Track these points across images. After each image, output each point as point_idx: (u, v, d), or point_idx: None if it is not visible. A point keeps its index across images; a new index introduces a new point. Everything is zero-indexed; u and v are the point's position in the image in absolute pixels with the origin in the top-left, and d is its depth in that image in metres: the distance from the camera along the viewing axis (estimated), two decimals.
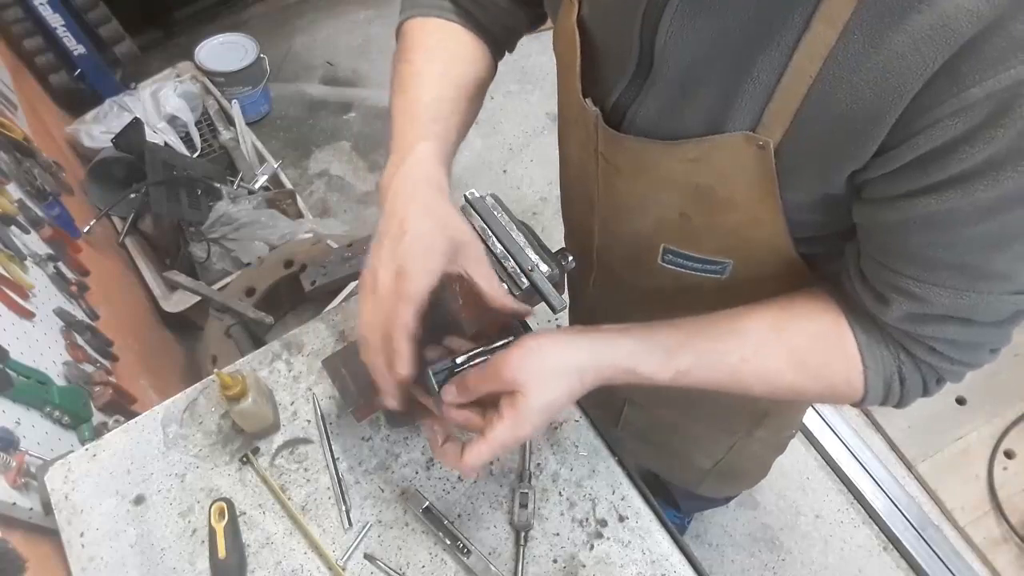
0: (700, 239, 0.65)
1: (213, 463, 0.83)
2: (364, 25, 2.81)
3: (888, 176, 0.47)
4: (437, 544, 0.78)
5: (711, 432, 1.04)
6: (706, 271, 0.68)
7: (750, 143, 0.52)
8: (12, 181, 1.30)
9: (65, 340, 1.14)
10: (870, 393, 0.59)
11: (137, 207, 1.81)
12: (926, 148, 0.43)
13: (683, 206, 0.62)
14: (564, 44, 0.65)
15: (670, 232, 0.67)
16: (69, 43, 1.99)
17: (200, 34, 2.40)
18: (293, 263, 1.53)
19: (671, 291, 0.75)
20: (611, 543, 0.78)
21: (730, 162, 0.55)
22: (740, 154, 0.53)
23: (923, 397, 0.61)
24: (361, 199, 2.35)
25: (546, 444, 0.85)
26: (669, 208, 0.64)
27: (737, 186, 0.56)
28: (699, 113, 0.54)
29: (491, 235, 0.73)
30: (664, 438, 1.12)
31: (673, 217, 0.64)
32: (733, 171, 0.55)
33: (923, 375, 0.58)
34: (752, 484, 1.39)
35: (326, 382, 0.88)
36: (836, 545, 1.69)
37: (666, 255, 0.69)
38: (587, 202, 0.76)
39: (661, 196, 0.63)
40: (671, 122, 0.57)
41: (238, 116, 2.12)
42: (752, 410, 0.96)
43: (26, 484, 0.83)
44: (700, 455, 1.12)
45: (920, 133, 0.43)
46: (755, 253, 0.63)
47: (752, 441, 1.02)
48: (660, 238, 0.68)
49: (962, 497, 1.69)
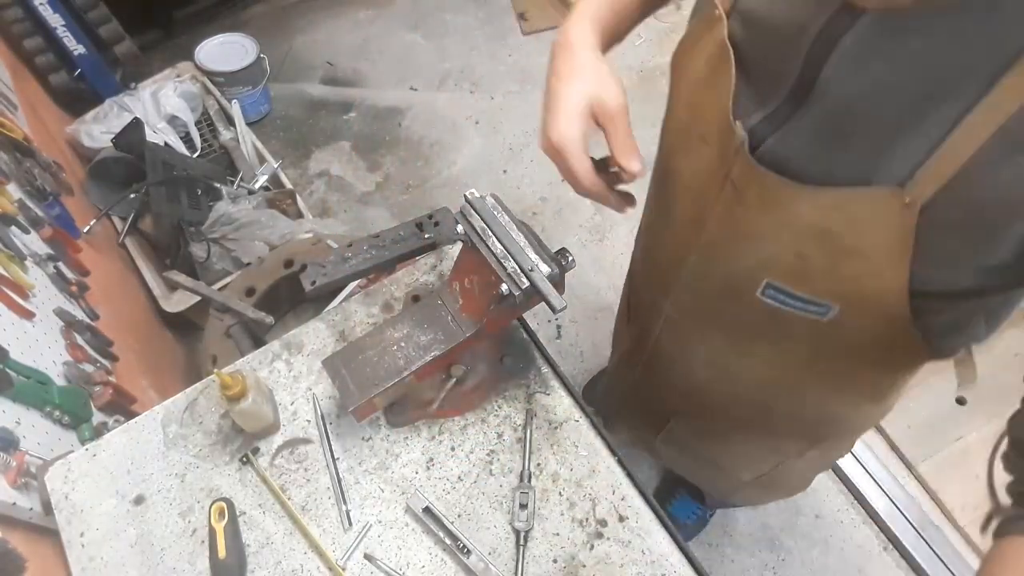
0: (811, 280, 0.61)
1: (213, 463, 0.83)
2: (364, 25, 2.81)
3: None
4: (437, 544, 0.78)
5: (760, 451, 1.02)
6: (807, 311, 0.64)
7: (896, 199, 0.49)
8: (12, 181, 1.30)
9: (65, 340, 1.14)
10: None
11: (137, 207, 1.81)
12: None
13: (803, 247, 0.59)
14: (698, 57, 0.62)
15: (780, 269, 0.63)
16: (69, 43, 1.98)
17: (200, 34, 2.40)
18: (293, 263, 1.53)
19: (759, 324, 0.71)
20: (611, 543, 0.78)
21: (869, 215, 0.52)
22: (882, 209, 0.51)
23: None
24: (361, 199, 2.34)
25: (546, 444, 0.85)
26: (786, 246, 0.60)
27: (868, 238, 0.53)
28: (848, 156, 0.52)
29: (491, 235, 0.73)
30: (709, 452, 1.10)
31: (788, 256, 0.61)
32: (869, 223, 0.53)
33: None
34: (788, 496, 1.33)
35: (326, 382, 0.88)
36: (836, 545, 1.69)
37: (768, 290, 0.65)
38: (693, 223, 0.72)
39: (782, 234, 0.60)
40: (815, 161, 0.54)
41: (238, 116, 2.12)
42: (811, 434, 0.93)
43: (26, 484, 0.83)
44: (744, 470, 1.10)
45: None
46: (865, 300, 0.59)
47: (801, 460, 1.00)
48: (767, 273, 0.64)
49: (962, 497, 1.69)
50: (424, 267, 0.99)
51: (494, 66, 2.66)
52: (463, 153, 2.44)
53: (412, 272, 0.99)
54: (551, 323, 2.02)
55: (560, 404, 0.87)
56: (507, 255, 0.72)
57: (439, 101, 2.58)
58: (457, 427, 0.86)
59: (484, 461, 0.84)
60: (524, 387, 0.89)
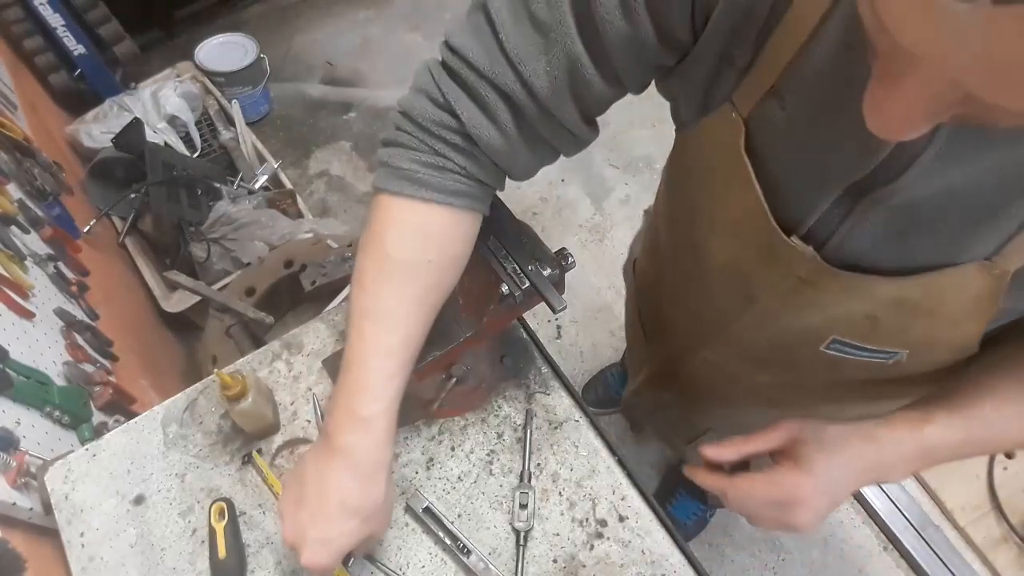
0: (881, 338, 0.59)
1: (213, 463, 0.83)
2: (364, 25, 2.81)
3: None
4: (437, 544, 0.78)
5: None
6: (873, 358, 0.62)
7: (985, 272, 0.48)
8: (12, 181, 1.30)
9: (65, 340, 1.14)
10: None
11: (137, 207, 1.81)
12: None
13: (875, 312, 0.56)
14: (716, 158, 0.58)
15: (848, 330, 0.60)
16: (69, 43, 1.98)
17: (200, 34, 2.40)
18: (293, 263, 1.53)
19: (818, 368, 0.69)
20: (611, 543, 0.78)
21: (952, 287, 0.50)
22: (969, 280, 0.49)
23: None
24: (361, 199, 2.35)
25: (546, 444, 0.85)
26: (857, 313, 0.57)
27: (950, 304, 0.52)
28: (930, 247, 0.49)
29: (491, 235, 0.73)
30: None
31: (858, 319, 0.58)
32: (952, 293, 0.51)
33: None
34: None
35: (326, 382, 0.88)
36: (836, 545, 1.69)
37: (833, 344, 0.62)
38: (741, 297, 0.67)
39: (855, 305, 0.57)
40: (890, 252, 0.51)
41: (238, 116, 2.12)
42: None
43: (26, 484, 0.83)
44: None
45: None
46: (935, 347, 0.59)
47: None
48: (833, 332, 0.61)
49: (962, 497, 1.69)
50: None
51: None
52: None
53: None
54: (551, 323, 2.02)
55: (560, 404, 0.87)
56: (507, 255, 0.72)
57: None
58: (457, 427, 0.86)
59: (484, 461, 0.84)
60: (524, 387, 0.89)
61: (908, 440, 0.58)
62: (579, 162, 2.38)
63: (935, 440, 0.57)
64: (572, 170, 2.36)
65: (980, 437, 0.57)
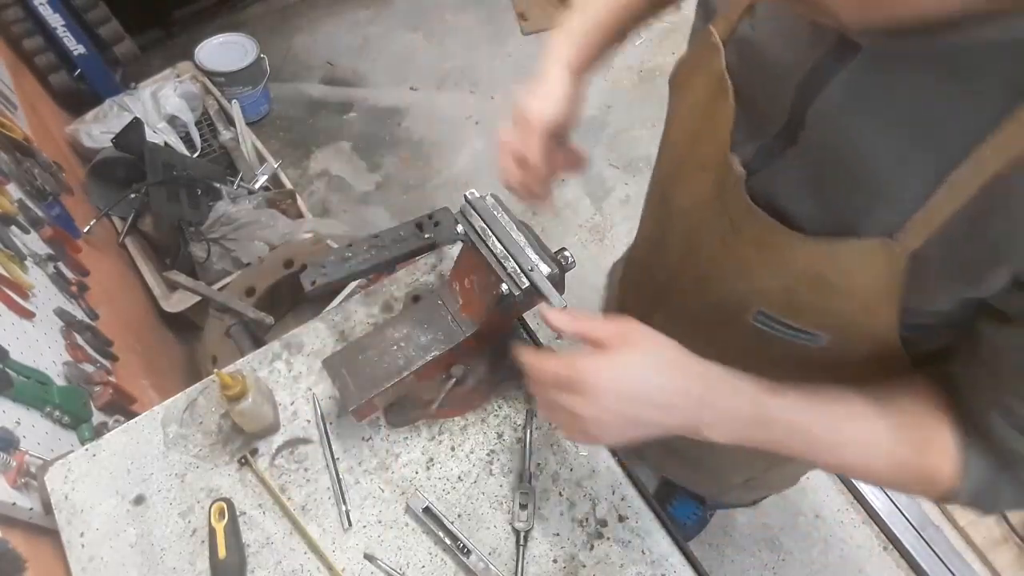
0: (802, 314, 0.61)
1: (213, 463, 0.83)
2: (364, 25, 2.81)
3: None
4: (437, 544, 0.78)
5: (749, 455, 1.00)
6: (797, 338, 0.64)
7: (887, 250, 0.49)
8: (12, 181, 1.30)
9: (65, 340, 1.14)
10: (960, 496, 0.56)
11: (137, 207, 1.81)
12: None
13: (794, 284, 0.59)
14: (697, 81, 0.62)
15: (771, 300, 0.63)
16: (69, 43, 1.98)
17: (200, 34, 2.40)
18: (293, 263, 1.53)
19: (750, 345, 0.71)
20: (611, 543, 0.78)
21: (858, 263, 0.52)
22: (872, 257, 0.51)
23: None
24: (361, 199, 2.35)
25: (546, 444, 0.85)
26: (778, 283, 0.60)
27: (859, 282, 0.54)
28: (838, 202, 0.52)
29: (491, 235, 0.73)
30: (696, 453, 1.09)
31: (778, 290, 0.61)
32: (858, 269, 0.53)
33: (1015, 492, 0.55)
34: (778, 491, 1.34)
35: (326, 382, 0.88)
36: (836, 545, 1.69)
37: (759, 316, 0.65)
38: (688, 250, 0.72)
39: (775, 271, 0.60)
40: (805, 200, 0.54)
41: (238, 116, 2.12)
42: None
43: (26, 484, 0.83)
44: (733, 472, 1.10)
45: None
46: (855, 334, 0.60)
47: (789, 461, 1.00)
48: (758, 303, 0.64)
49: None
50: (424, 267, 0.99)
51: (494, 66, 2.66)
52: (463, 153, 2.44)
53: (412, 272, 0.99)
54: None
55: None
56: (507, 255, 0.72)
57: (439, 101, 2.58)
58: (457, 427, 0.86)
59: (484, 461, 0.84)
60: (524, 387, 0.89)
61: (747, 395, 0.55)
62: None
63: (775, 412, 0.55)
64: None
65: (819, 438, 0.56)
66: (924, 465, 0.56)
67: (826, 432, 0.57)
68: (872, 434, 0.57)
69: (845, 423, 0.57)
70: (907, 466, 0.57)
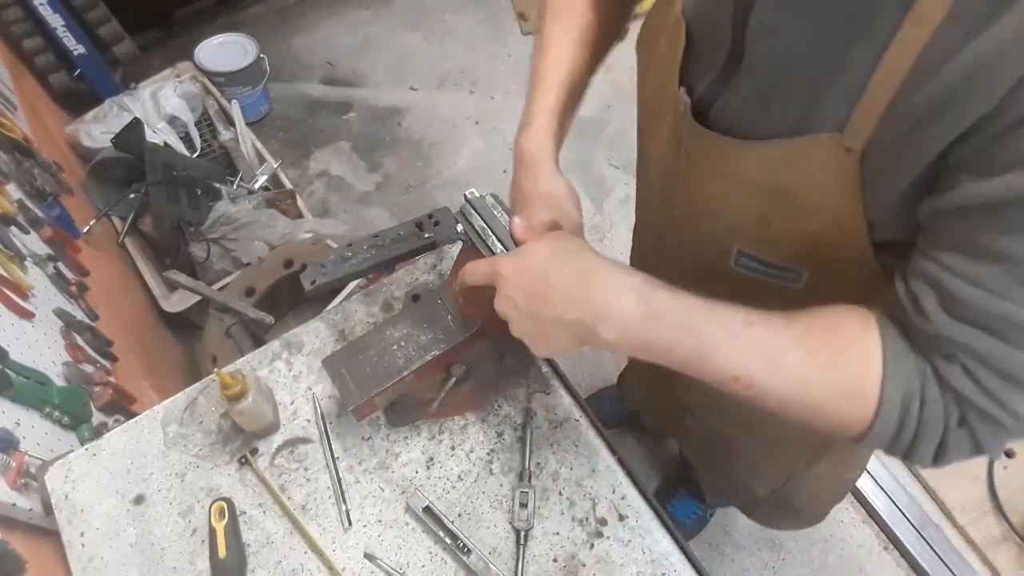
0: (778, 244, 0.62)
1: (213, 463, 0.83)
2: (364, 25, 2.81)
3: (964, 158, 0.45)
4: (437, 544, 0.78)
5: (768, 460, 1.02)
6: (781, 278, 0.65)
7: (837, 146, 0.51)
8: (12, 181, 1.30)
9: (65, 340, 1.14)
10: (884, 408, 0.50)
11: (137, 207, 1.81)
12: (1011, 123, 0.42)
13: (762, 208, 0.60)
14: (661, 33, 0.65)
15: (746, 235, 0.65)
16: (69, 43, 1.99)
17: (200, 34, 2.40)
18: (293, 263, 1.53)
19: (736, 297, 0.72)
20: (611, 542, 0.78)
21: (814, 165, 0.53)
22: (825, 157, 0.52)
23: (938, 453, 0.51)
24: (361, 199, 2.35)
25: (546, 443, 0.85)
26: (747, 210, 0.62)
27: (819, 188, 0.55)
28: (786, 110, 0.54)
29: (491, 234, 0.73)
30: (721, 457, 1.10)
31: (751, 220, 0.62)
32: (816, 173, 0.54)
33: (946, 405, 0.50)
34: (805, 525, 1.29)
35: (326, 382, 0.88)
36: (836, 544, 1.69)
37: (740, 259, 0.67)
38: (665, 201, 0.75)
39: (740, 197, 0.62)
40: (756, 119, 0.57)
41: (238, 116, 2.12)
42: (812, 441, 0.93)
43: (26, 484, 0.83)
44: (756, 482, 1.10)
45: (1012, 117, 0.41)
46: (833, 262, 0.60)
47: (810, 476, 0.99)
48: (735, 240, 0.66)
49: (962, 496, 1.69)
50: (424, 267, 0.99)
51: (494, 66, 2.66)
52: (463, 153, 2.44)
53: (412, 272, 0.99)
54: None
55: (560, 403, 0.87)
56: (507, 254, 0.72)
57: (439, 101, 2.58)
58: (457, 426, 0.86)
59: (484, 460, 0.84)
60: (524, 386, 0.89)
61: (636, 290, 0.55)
62: (579, 162, 2.38)
63: (664, 307, 0.54)
64: (572, 170, 2.36)
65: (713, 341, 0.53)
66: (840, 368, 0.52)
67: (722, 335, 0.53)
68: (776, 338, 0.53)
69: (744, 328, 0.53)
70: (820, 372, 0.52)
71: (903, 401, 0.50)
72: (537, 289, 0.58)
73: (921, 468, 0.51)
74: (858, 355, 0.52)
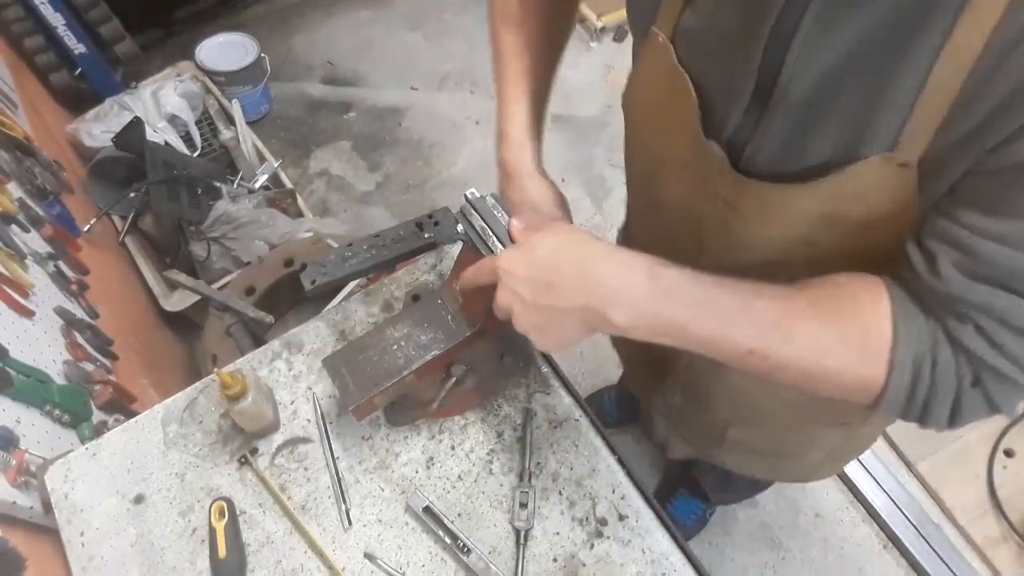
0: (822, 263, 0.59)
1: (213, 462, 0.83)
2: (364, 25, 2.81)
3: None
4: (437, 543, 0.78)
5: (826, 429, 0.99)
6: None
7: (889, 165, 0.49)
8: (13, 180, 1.30)
9: (65, 339, 1.14)
10: (896, 370, 0.50)
11: (137, 206, 1.81)
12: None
13: (812, 235, 0.58)
14: (660, 87, 0.62)
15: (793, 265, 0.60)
16: (70, 42, 1.99)
17: (200, 33, 2.40)
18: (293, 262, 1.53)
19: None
20: (611, 542, 0.78)
21: (868, 187, 0.51)
22: (878, 178, 0.50)
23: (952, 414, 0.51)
24: (361, 198, 2.35)
25: (546, 443, 0.85)
26: (795, 240, 0.59)
27: (874, 208, 0.53)
28: (829, 137, 0.51)
29: (491, 235, 0.73)
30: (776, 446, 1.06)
31: (799, 248, 0.60)
32: (870, 195, 0.52)
33: (959, 367, 0.49)
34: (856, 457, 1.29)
35: (326, 382, 0.88)
36: (836, 544, 1.69)
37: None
38: (693, 247, 0.71)
39: (786, 231, 0.59)
40: (796, 152, 0.54)
41: (238, 115, 2.12)
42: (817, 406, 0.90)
43: (26, 483, 0.83)
44: (814, 451, 1.06)
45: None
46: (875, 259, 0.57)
47: (866, 425, 0.97)
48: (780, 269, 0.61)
49: (962, 496, 1.69)
50: (424, 267, 0.99)
51: None
52: (463, 153, 2.44)
53: (412, 272, 0.99)
54: None
55: (560, 403, 0.87)
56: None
57: (439, 101, 2.58)
58: (457, 426, 0.86)
59: (484, 460, 0.84)
60: (524, 386, 0.89)
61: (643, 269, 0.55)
62: (579, 162, 2.38)
63: (674, 282, 0.54)
64: (572, 170, 2.36)
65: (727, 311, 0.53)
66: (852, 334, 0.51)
67: (735, 308, 0.53)
68: (788, 308, 0.53)
69: (755, 299, 0.53)
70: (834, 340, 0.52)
71: (914, 363, 0.50)
72: (545, 278, 0.57)
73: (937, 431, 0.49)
74: (869, 320, 0.51)
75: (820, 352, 0.52)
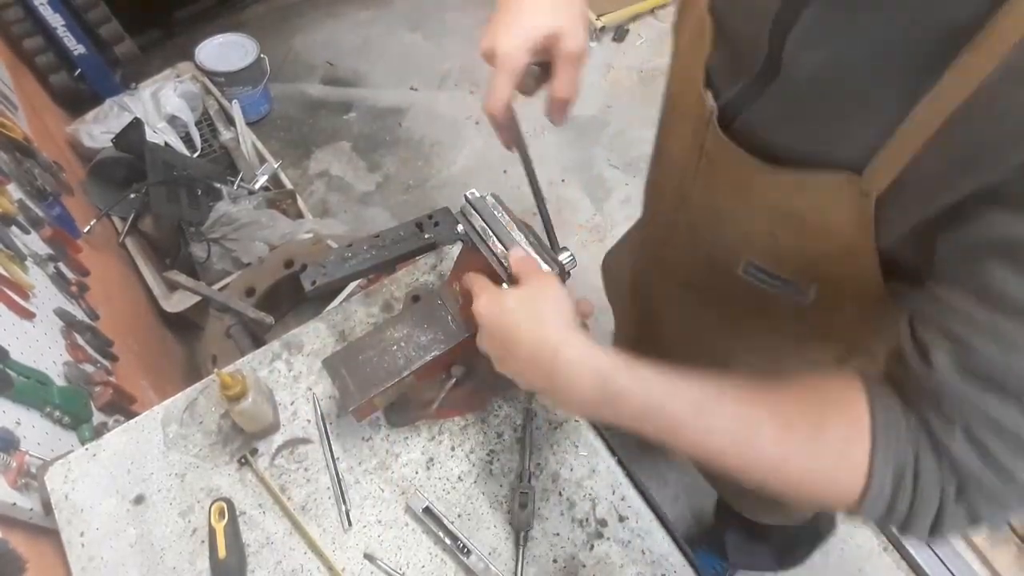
0: (786, 259, 0.62)
1: (213, 463, 0.83)
2: (364, 25, 2.81)
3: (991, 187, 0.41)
4: (437, 544, 0.78)
5: None
6: (788, 292, 0.64)
7: (852, 187, 0.50)
8: (12, 181, 1.30)
9: (65, 340, 1.14)
10: (875, 482, 0.46)
11: (137, 207, 1.81)
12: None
13: (772, 226, 0.60)
14: (690, 30, 0.63)
15: (755, 247, 0.64)
16: (69, 43, 1.99)
17: (200, 34, 2.40)
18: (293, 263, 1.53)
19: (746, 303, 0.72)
20: (611, 543, 0.78)
21: (828, 199, 0.53)
22: (840, 194, 0.52)
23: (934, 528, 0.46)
24: (361, 199, 2.35)
25: (546, 444, 0.85)
26: (758, 225, 0.62)
27: (830, 218, 0.54)
28: (812, 134, 0.53)
29: (491, 235, 0.73)
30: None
31: (762, 234, 0.62)
32: (829, 205, 0.53)
33: (943, 478, 0.44)
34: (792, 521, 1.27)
35: (326, 382, 0.88)
36: (836, 545, 1.68)
37: (748, 267, 0.66)
38: (678, 198, 0.74)
39: (751, 212, 0.61)
40: (781, 136, 0.56)
41: (238, 116, 2.12)
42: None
43: (26, 484, 0.83)
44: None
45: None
46: (842, 281, 0.59)
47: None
48: (745, 250, 0.66)
49: None
50: (424, 267, 0.99)
51: None
52: (463, 153, 2.44)
53: (412, 272, 0.99)
54: None
55: None
56: (507, 255, 0.72)
57: (439, 101, 2.58)
58: (457, 427, 0.86)
59: (484, 461, 0.84)
60: None
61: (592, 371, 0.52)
62: (579, 162, 2.38)
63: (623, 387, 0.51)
64: (572, 170, 2.36)
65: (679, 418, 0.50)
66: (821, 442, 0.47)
67: (689, 414, 0.50)
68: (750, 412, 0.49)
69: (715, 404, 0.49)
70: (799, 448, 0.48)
71: (895, 474, 0.46)
72: (504, 346, 0.57)
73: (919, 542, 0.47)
74: (842, 426, 0.47)
75: (784, 460, 0.48)
